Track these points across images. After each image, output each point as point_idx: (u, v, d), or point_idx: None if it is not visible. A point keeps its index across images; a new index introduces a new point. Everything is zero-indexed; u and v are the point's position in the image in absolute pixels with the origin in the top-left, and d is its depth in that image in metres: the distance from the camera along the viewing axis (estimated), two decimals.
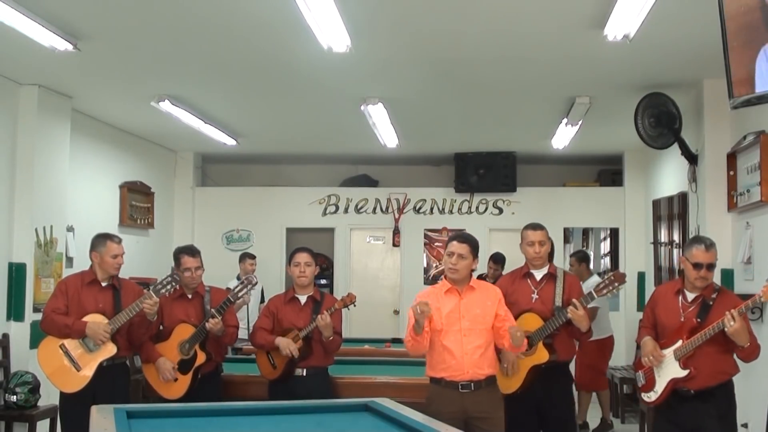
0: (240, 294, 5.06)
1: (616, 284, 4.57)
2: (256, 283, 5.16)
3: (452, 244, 4.31)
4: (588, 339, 4.96)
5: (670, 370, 4.26)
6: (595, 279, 7.82)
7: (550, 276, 4.88)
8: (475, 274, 4.46)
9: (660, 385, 4.31)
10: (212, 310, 4.93)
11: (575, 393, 7.90)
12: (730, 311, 4.02)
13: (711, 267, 4.26)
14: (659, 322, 4.40)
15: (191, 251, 5.15)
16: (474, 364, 4.20)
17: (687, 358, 4.19)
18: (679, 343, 4.22)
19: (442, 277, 4.45)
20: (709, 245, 4.27)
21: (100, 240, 4.96)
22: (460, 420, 4.13)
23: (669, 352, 4.27)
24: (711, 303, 4.23)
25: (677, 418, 4.30)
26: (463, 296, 4.28)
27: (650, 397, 4.38)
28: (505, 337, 4.23)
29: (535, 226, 4.94)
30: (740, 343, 4.08)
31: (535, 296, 4.81)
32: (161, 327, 5.08)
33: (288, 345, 4.86)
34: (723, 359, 4.19)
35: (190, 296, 5.13)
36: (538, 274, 4.90)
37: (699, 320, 4.21)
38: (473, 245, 4.32)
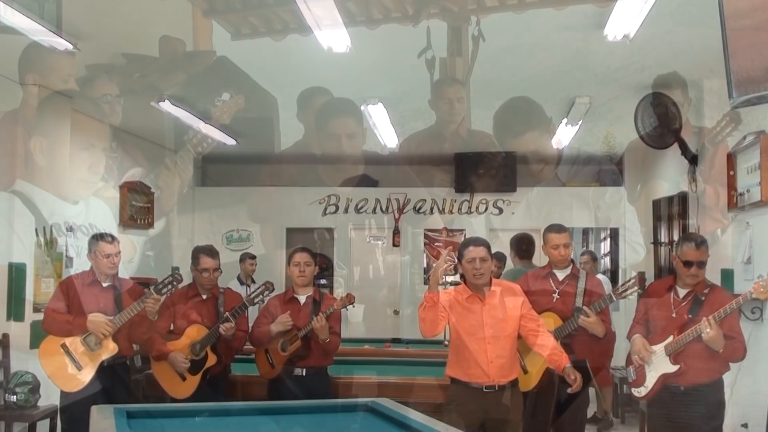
0: (256, 300, 5.04)
1: (637, 288, 4.57)
2: (273, 290, 5.12)
3: (470, 250, 4.19)
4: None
5: (660, 365, 4.29)
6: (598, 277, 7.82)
7: (573, 276, 4.87)
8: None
9: (650, 381, 4.34)
10: (227, 314, 4.93)
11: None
12: (707, 318, 4.04)
13: (701, 265, 4.28)
14: (651, 318, 4.43)
15: (211, 252, 5.11)
16: (499, 372, 4.19)
17: (677, 354, 4.22)
18: (670, 338, 4.25)
19: (460, 282, 4.37)
20: (700, 243, 4.29)
21: (93, 241, 4.97)
22: (478, 420, 4.15)
23: (660, 347, 4.29)
24: (703, 299, 4.25)
25: (669, 414, 4.33)
26: (486, 302, 4.22)
27: (640, 392, 4.42)
28: (530, 336, 4.22)
29: (559, 229, 4.90)
30: (715, 349, 4.11)
31: (556, 296, 4.81)
32: (172, 326, 5.06)
33: (283, 322, 4.85)
34: (713, 357, 4.20)
35: (204, 297, 5.11)
36: (561, 274, 4.90)
37: (690, 316, 4.23)
38: (488, 246, 4.27)
